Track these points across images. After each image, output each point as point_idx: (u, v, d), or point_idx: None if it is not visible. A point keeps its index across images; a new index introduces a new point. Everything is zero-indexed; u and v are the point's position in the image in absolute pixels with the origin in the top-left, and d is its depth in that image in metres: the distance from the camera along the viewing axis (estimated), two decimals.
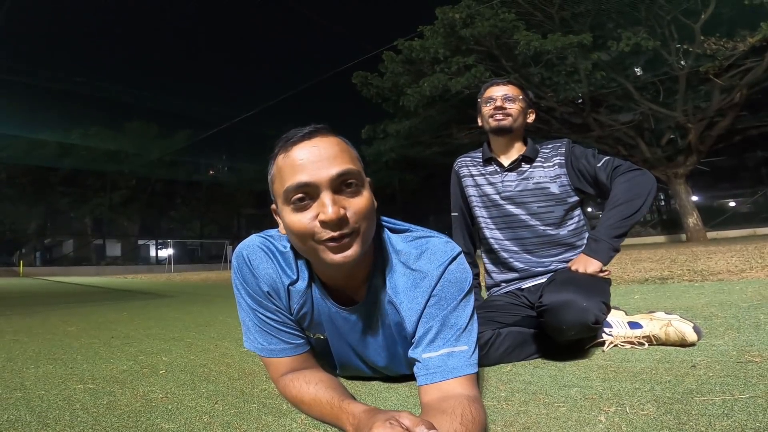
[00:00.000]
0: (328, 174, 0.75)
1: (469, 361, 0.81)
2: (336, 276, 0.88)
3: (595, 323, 1.15)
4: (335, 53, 23.54)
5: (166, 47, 28.26)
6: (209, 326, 2.48)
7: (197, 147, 30.88)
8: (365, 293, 0.90)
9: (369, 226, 0.80)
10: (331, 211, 0.74)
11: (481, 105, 1.59)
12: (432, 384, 0.80)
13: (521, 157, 1.53)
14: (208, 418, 0.93)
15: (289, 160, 0.78)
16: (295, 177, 0.76)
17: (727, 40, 12.12)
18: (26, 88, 23.66)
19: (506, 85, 1.55)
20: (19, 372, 1.44)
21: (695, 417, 0.77)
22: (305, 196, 0.76)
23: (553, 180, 1.49)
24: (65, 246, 31.61)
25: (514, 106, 1.52)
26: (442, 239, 0.91)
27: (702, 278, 3.21)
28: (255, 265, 0.91)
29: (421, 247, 0.89)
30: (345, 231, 0.76)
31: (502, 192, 1.54)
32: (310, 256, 0.82)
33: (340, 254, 0.76)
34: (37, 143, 25.50)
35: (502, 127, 1.51)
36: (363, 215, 0.78)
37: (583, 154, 1.48)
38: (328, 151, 0.77)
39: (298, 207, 0.77)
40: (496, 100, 1.53)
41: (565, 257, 1.48)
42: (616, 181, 1.39)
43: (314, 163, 0.76)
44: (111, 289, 7.66)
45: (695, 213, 15.53)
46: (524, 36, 12.97)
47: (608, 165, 1.43)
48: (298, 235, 0.78)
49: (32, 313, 3.59)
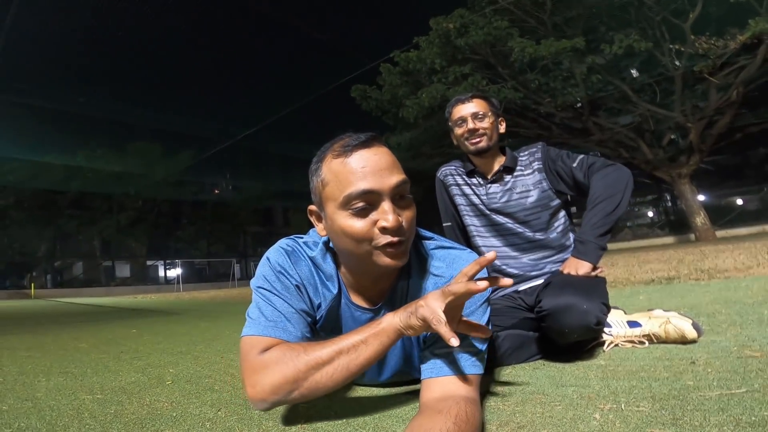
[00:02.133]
0: (390, 183, 0.79)
1: (475, 362, 0.83)
2: (368, 278, 0.91)
3: (596, 325, 1.16)
4: (333, 68, 23.80)
5: (166, 66, 28.68)
6: (216, 340, 2.50)
7: (201, 166, 31.15)
8: (388, 295, 0.94)
9: (412, 235, 0.85)
10: (392, 219, 0.77)
11: (453, 127, 1.59)
12: (435, 378, 0.81)
13: (502, 168, 1.55)
14: (211, 425, 0.95)
15: (349, 166, 0.79)
16: (359, 184, 0.78)
17: (718, 38, 12.15)
18: (30, 110, 24.06)
19: (471, 101, 1.54)
20: (31, 385, 1.47)
21: (690, 412, 0.78)
22: (367, 203, 0.78)
23: (535, 186, 1.52)
24: (75, 268, 31.83)
25: (486, 124, 1.52)
26: (465, 250, 0.96)
27: (709, 277, 3.19)
28: (294, 260, 0.92)
29: (445, 254, 0.94)
30: (402, 238, 0.80)
31: (488, 204, 1.56)
32: (358, 259, 0.84)
33: (395, 259, 0.80)
34: (43, 166, 25.83)
35: (480, 149, 1.52)
36: (412, 225, 0.83)
37: (559, 156, 1.51)
38: (387, 161, 0.81)
39: (358, 213, 0.79)
40: (466, 121, 1.53)
41: (559, 257, 1.50)
42: (593, 178, 1.41)
43: (376, 171, 0.78)
44: (121, 308, 7.70)
45: (702, 212, 15.39)
46: (518, 43, 13.05)
47: (583, 164, 1.46)
48: (354, 239, 0.79)
49: (44, 331, 3.62)
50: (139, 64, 27.45)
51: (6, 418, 1.07)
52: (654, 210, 27.45)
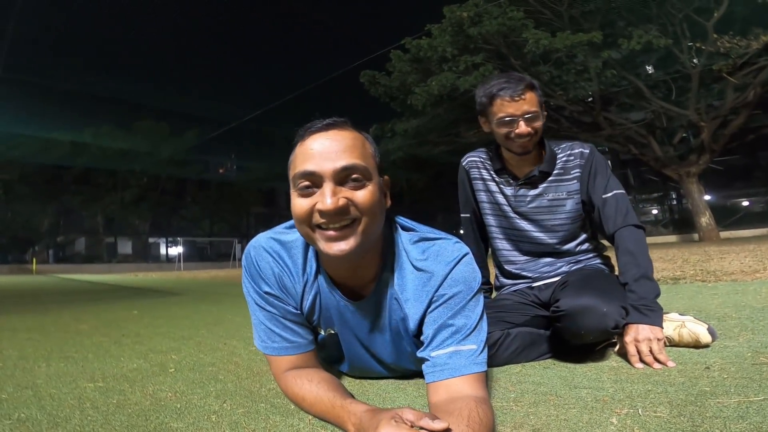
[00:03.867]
0: (333, 166, 0.78)
1: (476, 360, 0.81)
2: (340, 268, 0.90)
3: (614, 328, 1.14)
4: (343, 52, 23.66)
5: (175, 47, 28.55)
6: (218, 325, 2.49)
7: (207, 146, 31.22)
8: (372, 289, 0.92)
9: (372, 221, 0.81)
10: (330, 202, 0.76)
11: (496, 121, 1.35)
12: (439, 381, 0.80)
13: (537, 171, 1.40)
14: (217, 417, 0.93)
15: (303, 148, 0.81)
16: (304, 165, 0.79)
17: (741, 38, 11.92)
18: (39, 88, 24.06)
19: (521, 98, 1.30)
20: (31, 370, 1.46)
21: (709, 419, 0.76)
22: (311, 184, 0.79)
23: (570, 195, 1.39)
24: (77, 244, 32.10)
25: (538, 124, 1.33)
26: (451, 240, 0.92)
27: (715, 278, 3.17)
28: (261, 266, 0.94)
29: (428, 247, 0.90)
30: (344, 223, 0.78)
31: (515, 206, 1.44)
32: (310, 243, 0.85)
33: (335, 245, 0.79)
34: (49, 142, 25.89)
35: (527, 151, 1.36)
36: (365, 208, 0.79)
37: (602, 174, 1.37)
38: (340, 144, 0.80)
39: (303, 193, 0.80)
40: (517, 122, 1.31)
41: (574, 259, 1.46)
42: (628, 235, 1.30)
43: (323, 154, 0.79)
44: (122, 286, 7.76)
45: (708, 212, 15.31)
46: (533, 34, 12.84)
47: (618, 206, 1.33)
48: (297, 218, 0.82)
49: (45, 311, 3.64)
50: (149, 45, 27.30)
51: (6, 407, 1.05)
52: (659, 208, 27.34)
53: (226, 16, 27.83)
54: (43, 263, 26.59)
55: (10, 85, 21.39)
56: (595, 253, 1.49)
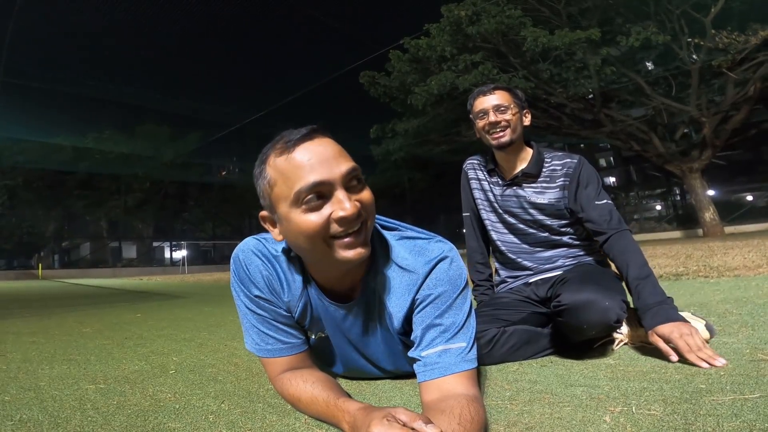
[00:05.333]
0: (340, 171, 0.76)
1: (466, 357, 0.81)
2: (335, 275, 0.89)
3: (616, 322, 1.14)
4: (342, 53, 23.65)
5: (176, 50, 28.65)
6: (219, 327, 2.51)
7: (208, 149, 31.25)
8: (360, 291, 0.92)
9: (373, 221, 0.82)
10: (350, 206, 0.74)
11: (475, 120, 1.51)
12: (430, 381, 0.80)
13: (521, 173, 1.48)
14: (214, 417, 0.94)
15: (295, 161, 0.76)
16: (308, 177, 0.74)
17: (739, 33, 11.88)
18: (40, 93, 24.18)
19: (493, 93, 1.46)
20: (34, 373, 1.47)
21: (703, 417, 0.76)
22: (318, 195, 0.75)
23: (551, 203, 1.46)
24: (82, 248, 32.24)
25: (508, 116, 1.44)
26: (433, 239, 0.92)
27: (718, 274, 3.15)
28: (251, 270, 0.93)
29: (410, 246, 0.90)
30: (357, 227, 0.77)
31: (501, 204, 1.54)
32: (316, 257, 0.81)
33: (353, 250, 0.77)
34: (52, 147, 26.00)
35: (502, 144, 1.45)
36: (369, 209, 0.79)
37: (592, 184, 1.42)
38: (332, 149, 0.78)
39: (312, 207, 0.75)
40: (488, 113, 1.45)
41: (572, 252, 1.47)
42: (622, 241, 1.33)
43: (324, 161, 0.75)
44: (126, 290, 7.79)
45: (711, 208, 15.26)
46: (531, 32, 12.85)
47: (610, 213, 1.37)
48: (309, 236, 0.76)
49: (50, 314, 3.66)
50: (149, 48, 27.41)
51: (8, 409, 1.06)
52: (662, 204, 27.22)
53: (227, 18, 27.92)
54: (48, 268, 26.68)
55: (12, 90, 21.53)
56: (589, 249, 1.50)
